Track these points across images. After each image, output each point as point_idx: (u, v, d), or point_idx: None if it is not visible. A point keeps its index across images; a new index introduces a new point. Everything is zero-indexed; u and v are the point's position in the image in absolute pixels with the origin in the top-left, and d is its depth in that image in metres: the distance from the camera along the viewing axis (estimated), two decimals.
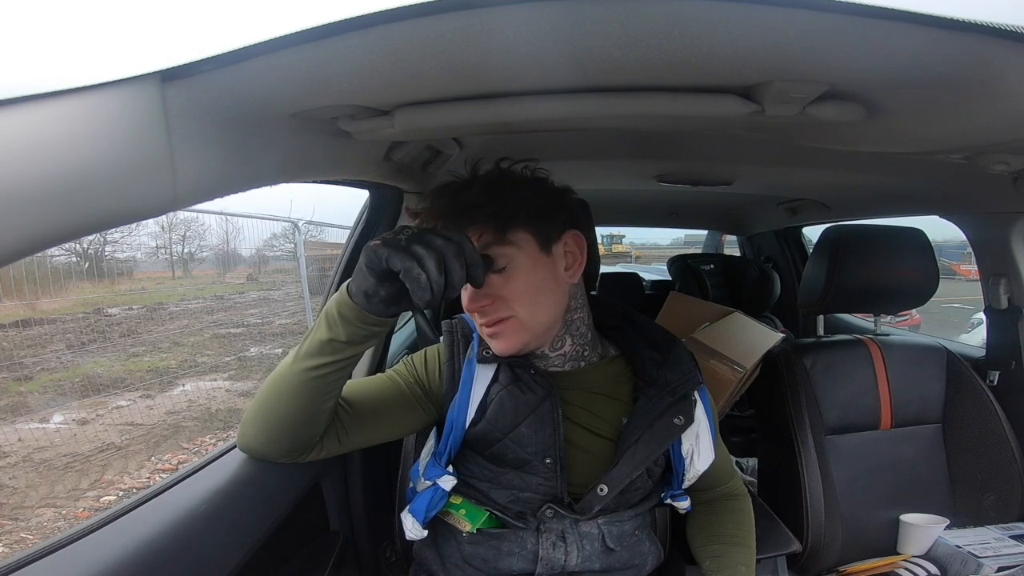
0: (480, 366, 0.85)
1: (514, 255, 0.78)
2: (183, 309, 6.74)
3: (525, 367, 0.84)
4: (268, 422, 0.76)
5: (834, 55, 0.51)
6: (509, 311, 0.78)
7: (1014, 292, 1.36)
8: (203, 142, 0.51)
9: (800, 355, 1.30)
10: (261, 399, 0.76)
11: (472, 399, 0.83)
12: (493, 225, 0.77)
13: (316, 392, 0.72)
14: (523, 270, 0.78)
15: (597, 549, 0.84)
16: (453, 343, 0.88)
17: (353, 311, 0.67)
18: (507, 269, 0.78)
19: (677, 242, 9.06)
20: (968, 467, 1.30)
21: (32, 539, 2.70)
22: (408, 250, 0.61)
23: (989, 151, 0.83)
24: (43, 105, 0.37)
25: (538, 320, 0.80)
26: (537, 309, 0.80)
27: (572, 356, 0.87)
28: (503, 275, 0.78)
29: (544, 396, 0.82)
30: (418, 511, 0.83)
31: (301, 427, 0.75)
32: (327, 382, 0.72)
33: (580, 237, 0.84)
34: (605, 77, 0.58)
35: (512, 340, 0.80)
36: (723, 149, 1.16)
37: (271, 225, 6.02)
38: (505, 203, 0.78)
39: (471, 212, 0.77)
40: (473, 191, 0.79)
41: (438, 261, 0.61)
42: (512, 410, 0.81)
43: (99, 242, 6.12)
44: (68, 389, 4.32)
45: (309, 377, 0.71)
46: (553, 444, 0.81)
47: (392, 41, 0.46)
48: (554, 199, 0.84)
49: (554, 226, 0.82)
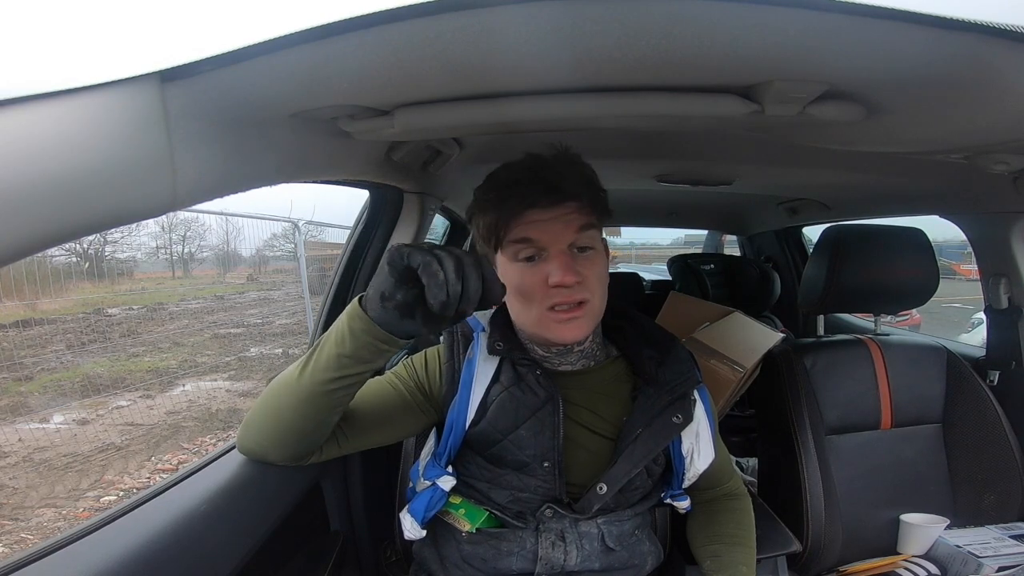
0: (482, 363, 0.84)
1: (597, 240, 0.81)
2: (183, 309, 6.74)
3: (531, 367, 0.83)
4: (269, 429, 0.76)
5: (834, 55, 0.51)
6: (588, 294, 0.78)
7: (1014, 292, 1.36)
8: (203, 142, 0.52)
9: (800, 355, 1.30)
10: (264, 405, 0.76)
11: (472, 399, 0.83)
12: (591, 203, 0.79)
13: (321, 406, 0.71)
14: (601, 258, 0.81)
15: (596, 549, 0.84)
16: (453, 343, 0.88)
17: (363, 324, 0.65)
18: (593, 251, 0.80)
19: (677, 242, 9.06)
20: (968, 467, 1.29)
21: (32, 539, 2.70)
22: (430, 251, 0.61)
23: (989, 151, 0.83)
24: (43, 105, 0.37)
25: (600, 312, 0.82)
26: (603, 301, 0.82)
27: (587, 354, 0.87)
28: (588, 256, 0.79)
29: (546, 399, 0.81)
30: (417, 511, 0.83)
31: (303, 437, 0.75)
32: (333, 398, 0.71)
33: (606, 241, 0.88)
34: (605, 77, 0.58)
35: (585, 326, 0.80)
36: (723, 149, 1.16)
37: (271, 225, 6.02)
38: (598, 189, 0.81)
39: (578, 189, 0.78)
40: (577, 170, 0.80)
41: (457, 266, 0.59)
42: (513, 412, 0.81)
43: (99, 242, 6.11)
44: (68, 389, 4.32)
45: (314, 391, 0.70)
46: (552, 448, 0.81)
47: (392, 41, 0.46)
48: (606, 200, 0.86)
49: (604, 223, 0.84)
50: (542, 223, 0.77)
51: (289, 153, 0.70)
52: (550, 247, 0.77)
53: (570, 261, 0.76)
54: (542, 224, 0.76)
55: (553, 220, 0.76)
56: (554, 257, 0.76)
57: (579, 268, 0.76)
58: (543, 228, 0.77)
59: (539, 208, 0.76)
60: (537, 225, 0.77)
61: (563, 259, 0.76)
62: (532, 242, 0.77)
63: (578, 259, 0.78)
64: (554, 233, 0.77)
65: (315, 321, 1.22)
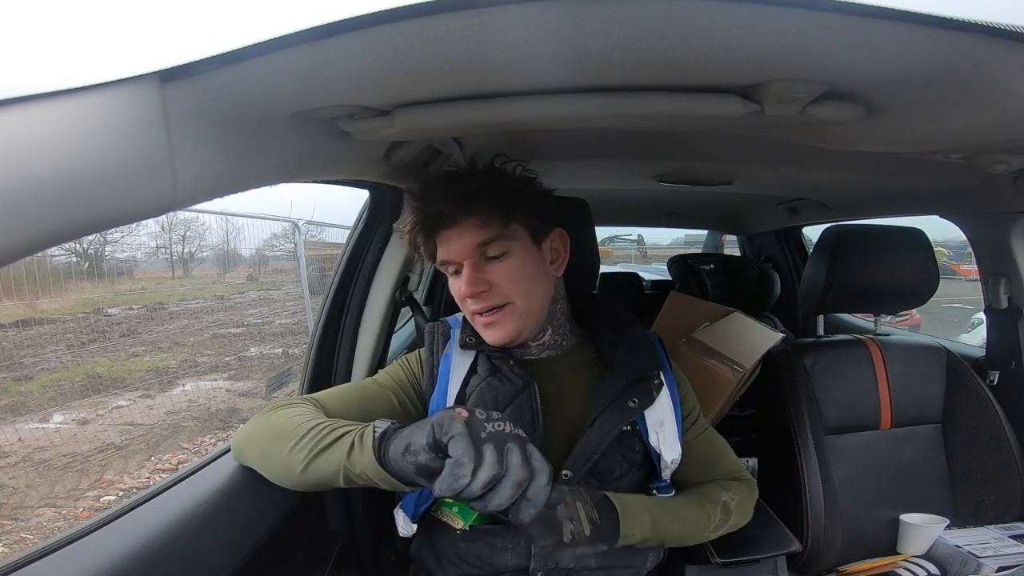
0: (458, 357, 0.89)
1: (512, 245, 0.83)
2: (183, 309, 6.74)
3: (504, 358, 0.87)
4: (265, 461, 0.76)
5: (834, 55, 0.51)
6: (506, 299, 0.83)
7: (1014, 292, 1.36)
8: (203, 142, 0.51)
9: (800, 355, 1.30)
10: (264, 439, 0.76)
11: (450, 389, 0.87)
12: (497, 214, 0.81)
13: (316, 477, 0.69)
14: (520, 259, 0.84)
15: None
16: (433, 341, 0.93)
17: (371, 462, 0.62)
18: (506, 257, 0.83)
19: (677, 242, 9.05)
20: (968, 467, 1.29)
21: (32, 539, 2.70)
22: (478, 445, 0.56)
23: (989, 151, 0.83)
24: (43, 105, 0.37)
25: (532, 308, 0.85)
26: (531, 298, 0.85)
27: (550, 345, 0.92)
28: (501, 263, 0.83)
29: (523, 387, 0.85)
30: (408, 506, 0.85)
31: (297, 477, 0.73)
32: (326, 481, 0.69)
33: (565, 235, 0.91)
34: (605, 77, 0.58)
35: (508, 328, 0.84)
36: (723, 149, 1.16)
37: (271, 225, 6.01)
38: (506, 195, 0.83)
39: (475, 201, 0.81)
40: (476, 181, 0.83)
41: (491, 480, 0.54)
42: (492, 401, 0.84)
43: (99, 242, 6.11)
44: (68, 389, 4.32)
45: (316, 484, 0.70)
46: (533, 432, 0.83)
47: (392, 41, 0.46)
48: (543, 198, 0.90)
49: (543, 223, 0.88)
50: (448, 241, 0.83)
51: (289, 153, 0.70)
52: (460, 261, 0.83)
53: (472, 274, 0.82)
54: (449, 243, 0.83)
55: (457, 237, 0.82)
56: (464, 270, 0.82)
57: (487, 276, 0.82)
58: (449, 246, 0.83)
59: (445, 228, 0.82)
60: (447, 244, 0.83)
61: (468, 272, 0.82)
62: (447, 260, 0.84)
63: (486, 267, 0.82)
64: (458, 249, 0.82)
65: (315, 321, 1.22)
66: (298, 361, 5.08)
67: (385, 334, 1.22)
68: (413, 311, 1.30)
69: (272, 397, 4.57)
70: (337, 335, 1.18)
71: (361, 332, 1.19)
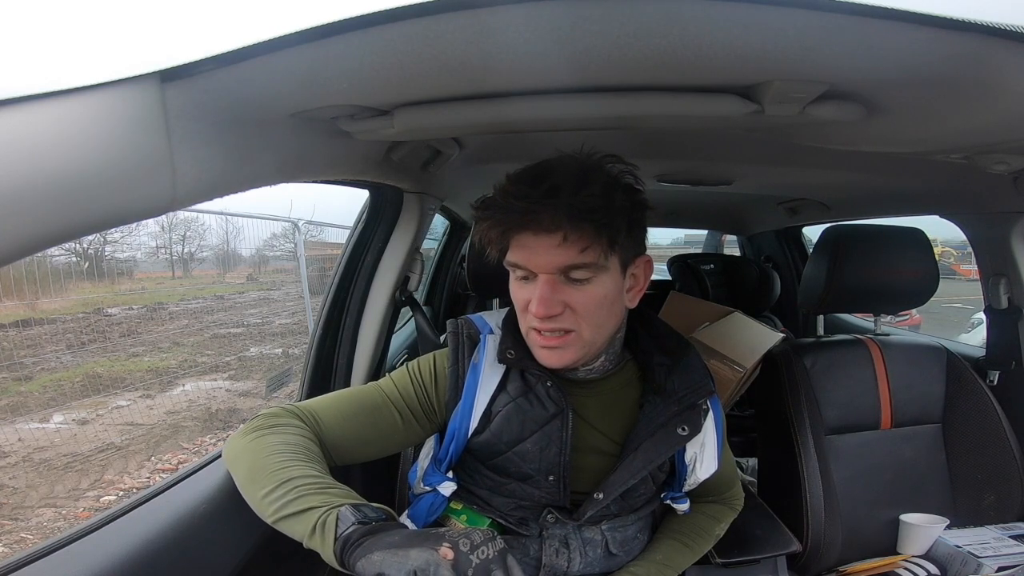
0: (487, 370, 0.81)
1: (601, 273, 0.72)
2: (183, 309, 6.74)
3: (542, 378, 0.79)
4: (244, 492, 0.70)
5: (834, 55, 0.51)
6: (574, 325, 0.73)
7: (1014, 292, 1.36)
8: (203, 142, 0.52)
9: (800, 355, 1.30)
10: (243, 471, 0.70)
11: (476, 408, 0.80)
12: (604, 241, 0.70)
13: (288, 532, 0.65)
14: (605, 289, 0.73)
15: (599, 555, 0.84)
16: (458, 346, 0.84)
17: (331, 553, 0.58)
18: (590, 283, 0.72)
19: (677, 242, 9.03)
20: (968, 467, 1.29)
21: (32, 539, 2.70)
22: None
23: (989, 151, 0.83)
24: (43, 105, 0.37)
25: (597, 340, 0.76)
26: (599, 330, 0.76)
27: (598, 369, 0.83)
28: (583, 288, 0.72)
29: (555, 413, 0.79)
30: (418, 515, 0.82)
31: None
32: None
33: (651, 263, 0.80)
34: (605, 77, 0.58)
35: (568, 356, 0.75)
36: (723, 149, 1.16)
37: (271, 225, 6.02)
38: (617, 218, 0.70)
39: (585, 221, 0.68)
40: (594, 190, 0.69)
41: None
42: (519, 424, 0.79)
43: (99, 242, 6.11)
44: (68, 389, 4.32)
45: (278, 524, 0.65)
46: (558, 464, 0.79)
47: (391, 41, 0.46)
48: (643, 217, 0.77)
49: (637, 247, 0.77)
50: (531, 248, 0.71)
51: (289, 153, 0.70)
52: (538, 273, 0.72)
53: (549, 294, 0.71)
54: (531, 249, 0.71)
55: (546, 252, 0.70)
56: (539, 285, 0.72)
57: (565, 298, 0.72)
58: (531, 253, 0.72)
59: (530, 232, 0.71)
60: (527, 250, 0.72)
61: (544, 289, 0.71)
62: (522, 267, 0.73)
63: (566, 288, 0.72)
64: (542, 261, 0.71)
65: (315, 321, 1.22)
66: (298, 361, 5.08)
67: (385, 334, 1.22)
68: (413, 311, 1.30)
69: (272, 397, 4.57)
70: (337, 335, 1.18)
71: (361, 332, 1.19)
